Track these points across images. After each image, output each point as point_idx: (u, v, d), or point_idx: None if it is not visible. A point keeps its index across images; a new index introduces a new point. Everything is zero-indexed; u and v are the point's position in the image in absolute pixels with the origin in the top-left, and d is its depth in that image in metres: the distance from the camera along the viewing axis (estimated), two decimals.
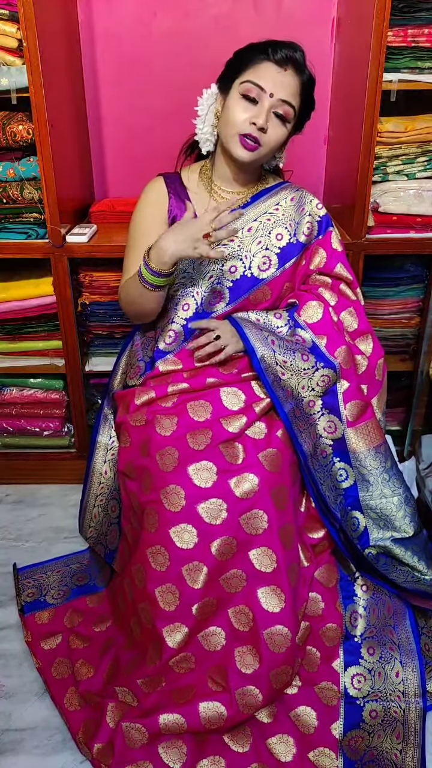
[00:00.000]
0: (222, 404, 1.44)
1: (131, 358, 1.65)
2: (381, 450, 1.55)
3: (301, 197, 1.59)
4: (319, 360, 1.50)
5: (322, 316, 1.54)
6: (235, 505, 1.34)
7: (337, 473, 1.53)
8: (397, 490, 1.55)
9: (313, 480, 1.46)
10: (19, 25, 1.62)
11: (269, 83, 1.41)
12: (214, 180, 1.58)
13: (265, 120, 1.42)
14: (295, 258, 1.57)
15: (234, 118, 1.44)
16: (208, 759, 1.30)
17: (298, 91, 1.44)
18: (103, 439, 1.66)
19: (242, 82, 1.43)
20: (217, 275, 1.53)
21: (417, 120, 1.78)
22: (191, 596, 1.33)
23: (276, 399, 1.43)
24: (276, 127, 1.45)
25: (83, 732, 1.35)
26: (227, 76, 1.48)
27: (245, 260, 1.53)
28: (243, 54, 1.46)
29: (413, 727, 1.35)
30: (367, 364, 1.58)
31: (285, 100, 1.42)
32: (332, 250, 1.60)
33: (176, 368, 1.53)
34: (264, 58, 1.42)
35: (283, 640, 1.33)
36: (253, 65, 1.43)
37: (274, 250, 1.55)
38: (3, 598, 1.71)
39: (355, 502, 1.53)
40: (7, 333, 2.01)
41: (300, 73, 1.44)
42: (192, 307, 1.54)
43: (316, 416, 1.51)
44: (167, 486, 1.36)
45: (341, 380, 1.53)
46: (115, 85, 2.07)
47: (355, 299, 1.62)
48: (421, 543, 1.58)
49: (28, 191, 1.81)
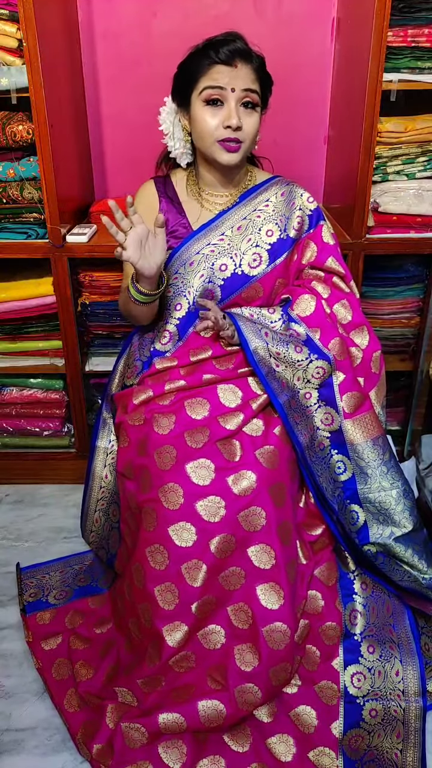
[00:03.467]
0: (219, 401, 1.44)
1: (129, 359, 1.65)
2: (379, 442, 1.54)
3: (291, 191, 1.58)
4: (313, 352, 1.50)
5: (315, 308, 1.54)
6: (233, 502, 1.34)
7: (335, 465, 1.53)
8: (395, 483, 1.54)
9: (311, 471, 1.46)
10: (19, 25, 1.63)
11: (226, 81, 1.42)
12: (201, 187, 1.59)
13: (237, 117, 1.42)
14: (286, 253, 1.56)
15: (207, 127, 1.45)
16: (208, 759, 1.30)
17: (254, 76, 1.45)
18: (102, 443, 1.65)
19: (201, 92, 1.44)
20: (208, 274, 1.53)
21: (417, 120, 1.78)
22: (191, 594, 1.33)
23: (271, 391, 1.43)
24: (249, 116, 1.46)
25: (83, 733, 1.35)
26: (182, 91, 1.49)
27: (235, 258, 1.54)
28: (189, 66, 1.47)
29: (413, 727, 1.35)
30: (362, 356, 1.57)
31: (247, 89, 1.43)
32: (323, 243, 1.59)
33: (173, 364, 1.53)
34: (211, 62, 1.42)
35: (282, 637, 1.33)
36: (203, 73, 1.43)
37: (264, 247, 1.55)
38: (3, 598, 1.71)
39: (353, 494, 1.53)
40: (7, 333, 2.01)
41: (249, 61, 1.44)
42: (185, 307, 1.55)
43: (312, 408, 1.51)
44: (165, 484, 1.36)
45: (336, 372, 1.53)
46: (115, 85, 2.07)
47: (348, 292, 1.61)
48: (421, 541, 1.58)
49: (28, 191, 1.81)
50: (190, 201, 1.59)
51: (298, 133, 2.11)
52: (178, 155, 1.58)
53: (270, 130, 1.59)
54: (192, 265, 1.54)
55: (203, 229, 1.55)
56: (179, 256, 1.54)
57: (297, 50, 2.02)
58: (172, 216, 1.57)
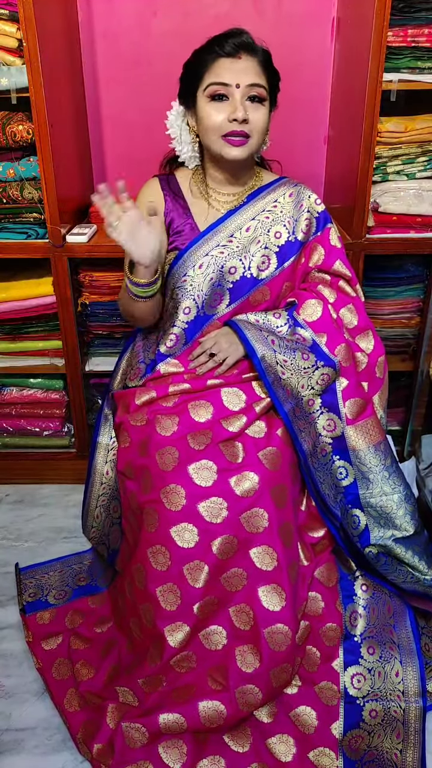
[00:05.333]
0: (223, 404, 1.44)
1: (132, 360, 1.65)
2: (381, 448, 1.54)
3: (300, 193, 1.58)
4: (320, 359, 1.50)
5: (322, 313, 1.54)
6: (235, 503, 1.34)
7: (336, 471, 1.53)
8: (397, 488, 1.55)
9: (313, 480, 1.46)
10: (19, 25, 1.62)
11: (231, 76, 1.41)
12: (208, 184, 1.58)
13: (242, 110, 1.41)
14: (294, 256, 1.56)
15: (212, 122, 1.44)
16: (208, 759, 1.30)
17: (259, 70, 1.44)
18: (103, 439, 1.65)
19: (206, 88, 1.43)
20: (217, 277, 1.53)
21: (417, 120, 1.78)
22: (192, 595, 1.33)
23: (276, 399, 1.43)
24: (256, 110, 1.44)
25: (83, 732, 1.35)
26: (188, 90, 1.49)
27: (244, 260, 1.53)
28: (193, 63, 1.46)
29: (413, 727, 1.35)
30: (367, 361, 1.57)
31: (253, 83, 1.42)
32: (331, 246, 1.59)
33: (177, 371, 1.53)
34: (215, 56, 1.42)
35: (284, 639, 1.33)
36: (208, 68, 1.43)
37: (273, 249, 1.54)
38: (3, 598, 1.72)
39: (355, 499, 1.53)
40: (7, 333, 2.01)
41: (254, 54, 1.43)
42: (193, 311, 1.54)
43: (315, 414, 1.51)
44: (167, 485, 1.35)
45: (340, 378, 1.53)
46: (115, 85, 2.07)
47: (354, 296, 1.61)
48: (422, 542, 1.58)
49: (28, 191, 1.81)
50: (196, 199, 1.57)
51: (298, 133, 2.11)
52: (186, 159, 1.57)
53: (270, 130, 1.59)
54: (201, 267, 1.52)
55: (210, 230, 1.54)
56: (188, 257, 1.53)
57: (297, 50, 2.02)
58: (177, 215, 1.56)
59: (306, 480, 1.47)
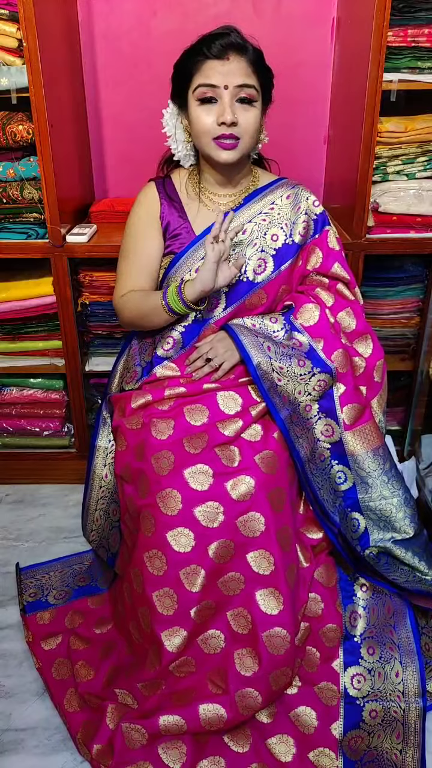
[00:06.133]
0: (219, 408, 1.43)
1: (128, 362, 1.65)
2: (380, 452, 1.54)
3: (297, 194, 1.56)
4: (316, 365, 1.49)
5: (319, 318, 1.53)
6: (231, 507, 1.34)
7: (335, 476, 1.52)
8: (396, 492, 1.55)
9: (311, 486, 1.45)
10: (19, 25, 1.62)
11: (219, 78, 1.39)
12: (203, 186, 1.57)
13: (231, 113, 1.39)
14: (291, 260, 1.55)
15: (202, 125, 1.43)
16: (208, 759, 1.30)
17: (250, 70, 1.41)
18: (102, 442, 1.65)
19: (194, 90, 1.42)
20: None
21: (417, 120, 1.78)
22: (189, 600, 1.33)
23: (272, 406, 1.42)
24: (246, 112, 1.42)
25: (83, 733, 1.35)
26: (179, 91, 1.48)
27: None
28: (183, 64, 1.45)
29: (413, 727, 1.35)
30: (365, 365, 1.56)
31: (242, 84, 1.40)
32: (329, 249, 1.57)
33: (174, 375, 1.53)
34: (203, 58, 1.40)
35: (282, 642, 1.33)
36: (197, 69, 1.41)
37: (270, 252, 1.53)
38: (3, 598, 1.72)
39: (354, 503, 1.53)
40: (7, 333, 2.01)
41: (244, 53, 1.40)
42: (191, 315, 1.53)
43: (313, 420, 1.50)
44: (163, 490, 1.35)
45: (338, 384, 1.52)
46: (115, 85, 2.07)
47: (353, 299, 1.60)
48: (421, 544, 1.58)
49: (28, 191, 1.81)
50: (192, 202, 1.57)
51: (298, 133, 2.11)
52: (182, 157, 1.57)
53: (270, 130, 1.58)
54: (198, 271, 1.51)
55: (206, 234, 1.52)
56: (184, 261, 1.53)
57: (297, 50, 2.02)
58: (173, 219, 1.55)
59: (303, 487, 1.46)
